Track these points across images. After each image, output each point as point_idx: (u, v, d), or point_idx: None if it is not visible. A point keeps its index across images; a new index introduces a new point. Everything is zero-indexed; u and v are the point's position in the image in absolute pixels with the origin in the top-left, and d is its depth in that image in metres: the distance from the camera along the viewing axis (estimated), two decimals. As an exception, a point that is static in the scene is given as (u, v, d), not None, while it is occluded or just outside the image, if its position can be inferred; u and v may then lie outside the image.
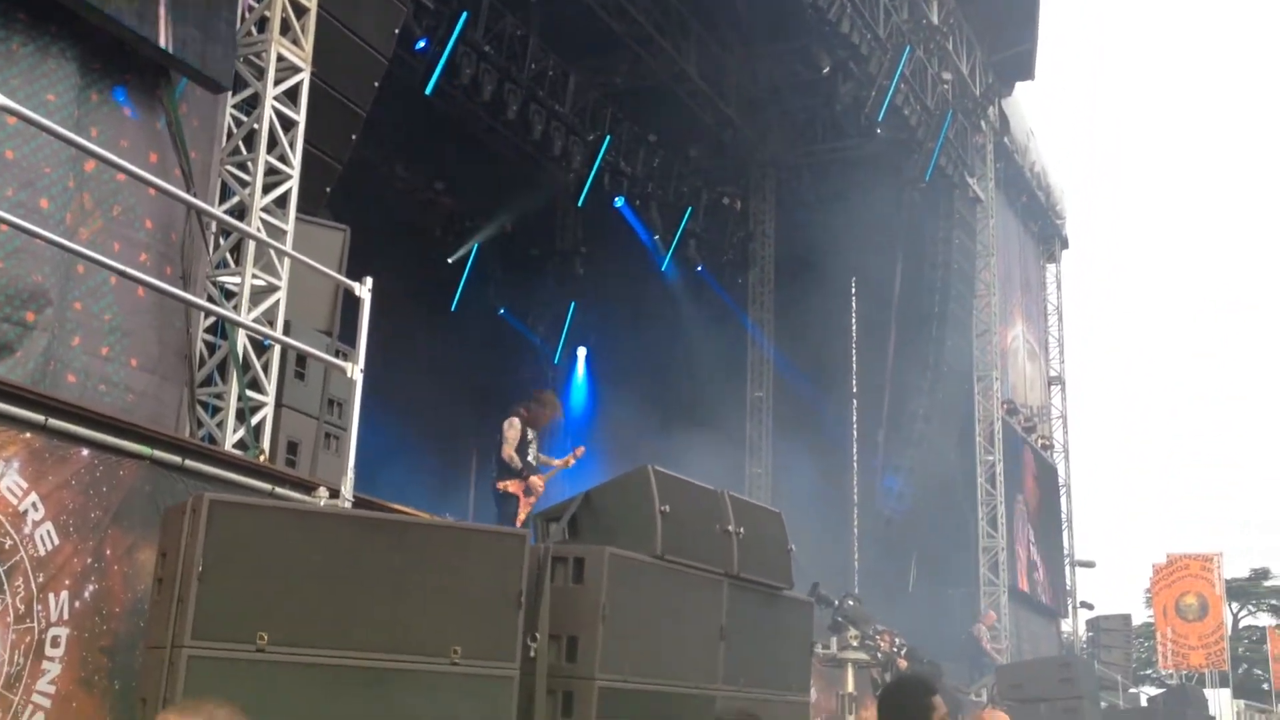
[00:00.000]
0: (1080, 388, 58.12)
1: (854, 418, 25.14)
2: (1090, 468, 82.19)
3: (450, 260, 22.15)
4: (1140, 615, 44.04)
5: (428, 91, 17.54)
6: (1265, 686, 39.01)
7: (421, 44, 17.04)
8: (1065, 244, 31.23)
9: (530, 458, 10.66)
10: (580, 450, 11.10)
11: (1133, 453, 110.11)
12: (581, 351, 24.83)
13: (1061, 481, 29.13)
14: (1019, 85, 25.47)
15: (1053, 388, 29.94)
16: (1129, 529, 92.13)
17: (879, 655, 11.06)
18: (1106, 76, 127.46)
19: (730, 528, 6.35)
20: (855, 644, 10.15)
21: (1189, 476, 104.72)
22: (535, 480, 10.55)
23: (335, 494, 6.30)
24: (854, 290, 25.30)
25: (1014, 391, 25.56)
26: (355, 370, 6.90)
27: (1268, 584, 62.67)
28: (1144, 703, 23.53)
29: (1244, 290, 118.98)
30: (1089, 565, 29.37)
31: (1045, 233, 30.22)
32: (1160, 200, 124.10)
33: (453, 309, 21.98)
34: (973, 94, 23.08)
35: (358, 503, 6.63)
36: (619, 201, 22.09)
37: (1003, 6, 23.45)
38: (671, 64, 21.05)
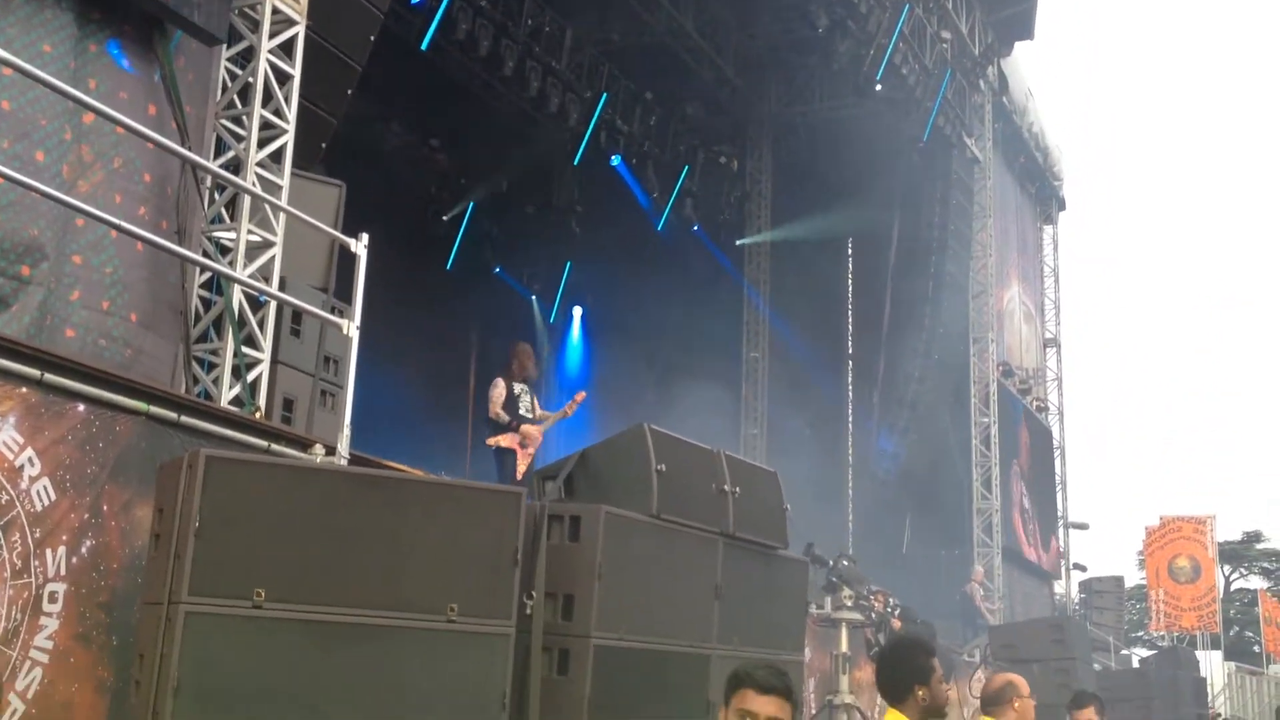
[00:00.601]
0: (1076, 350, 58.17)
1: (849, 378, 25.18)
2: (1085, 430, 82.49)
3: (445, 218, 22.05)
4: (1133, 577, 44.36)
5: (423, 47, 17.41)
6: (1256, 649, 39.30)
7: (418, -1, 16.91)
8: (1062, 205, 31.17)
9: (523, 410, 10.65)
10: (581, 395, 11.00)
11: (1128, 415, 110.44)
12: (577, 310, 24.79)
13: (1056, 444, 29.21)
14: (1018, 45, 25.31)
15: (1048, 350, 29.96)
16: (1123, 491, 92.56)
17: (873, 616, 11.10)
18: (1106, 38, 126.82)
19: (726, 487, 6.35)
20: (849, 604, 10.18)
21: (1183, 439, 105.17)
22: (529, 429, 10.55)
23: (331, 451, 6.30)
24: (850, 251, 25.26)
25: (1009, 353, 25.58)
26: (351, 327, 6.88)
27: (1260, 547, 63.04)
28: (1136, 664, 23.69)
29: (1245, 256, 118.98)
30: (1083, 527, 29.49)
31: (1043, 194, 30.15)
32: (1158, 161, 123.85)
33: (448, 267, 21.90)
34: (971, 53, 22.93)
35: (354, 460, 6.63)
36: (616, 160, 21.99)
37: (1004, -36, 23.29)
38: (669, 20, 20.90)
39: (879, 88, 20.32)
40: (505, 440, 10.51)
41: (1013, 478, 24.45)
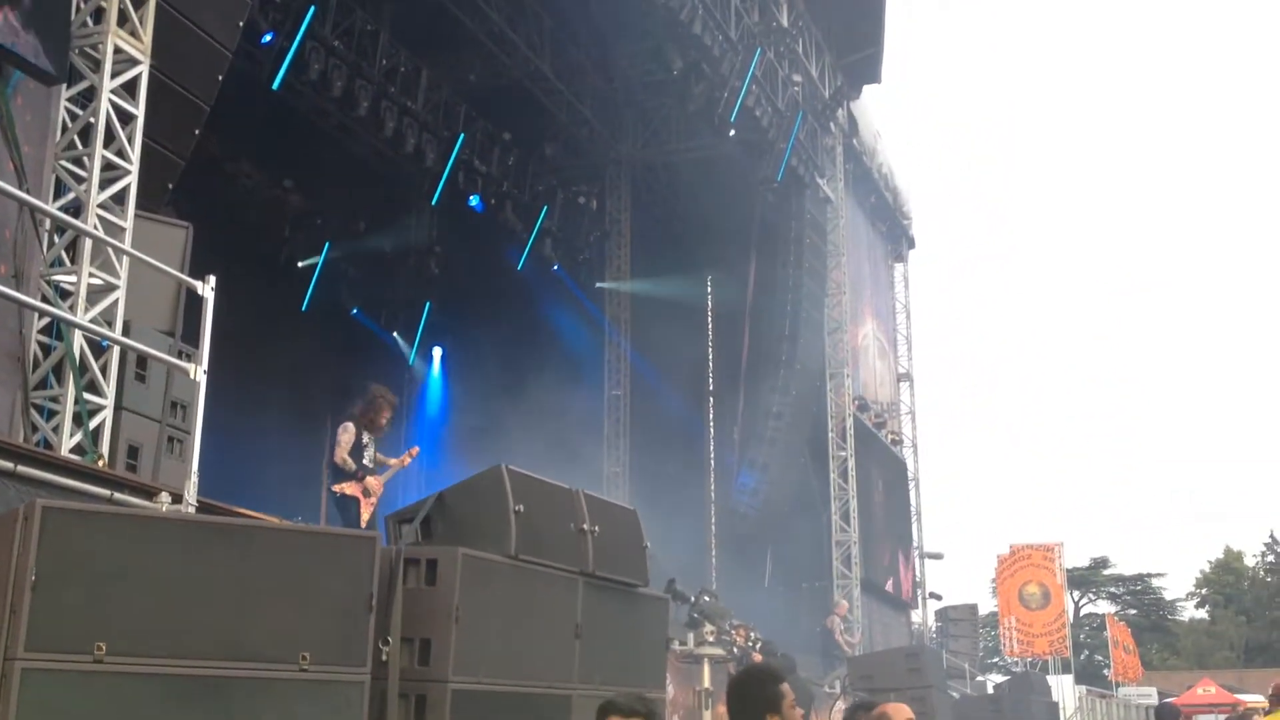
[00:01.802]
0: (928, 384, 59.66)
1: (710, 415, 25.41)
2: (939, 461, 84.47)
3: (300, 259, 21.71)
4: (987, 605, 45.50)
5: (275, 86, 17.17)
6: (1105, 672, 40.53)
7: (268, 37, 16.68)
8: (912, 243, 32.03)
9: (366, 460, 10.46)
10: (415, 450, 10.93)
11: (979, 444, 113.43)
12: (437, 351, 24.58)
13: (910, 476, 29.85)
14: (866, 89, 26.04)
15: (901, 384, 30.66)
16: (976, 521, 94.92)
17: (735, 650, 11.15)
18: (949, 79, 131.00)
19: (585, 526, 6.33)
20: (711, 639, 10.19)
21: (1035, 454, 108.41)
22: (373, 482, 10.36)
23: (178, 499, 6.12)
24: (710, 289, 25.56)
25: (865, 388, 26.11)
26: (199, 372, 6.72)
27: (1107, 572, 65.25)
28: (990, 690, 24.21)
29: (1090, 266, 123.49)
30: (937, 557, 30.15)
31: (893, 233, 30.94)
32: (1001, 201, 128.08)
33: (304, 309, 21.54)
34: (822, 96, 23.50)
35: (202, 508, 6.46)
36: (474, 200, 21.92)
37: (850, 11, 23.96)
38: (526, 62, 20.99)
39: (733, 130, 20.66)
40: (350, 488, 10.31)
41: (874, 509, 24.91)
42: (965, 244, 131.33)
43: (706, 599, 10.43)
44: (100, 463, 7.34)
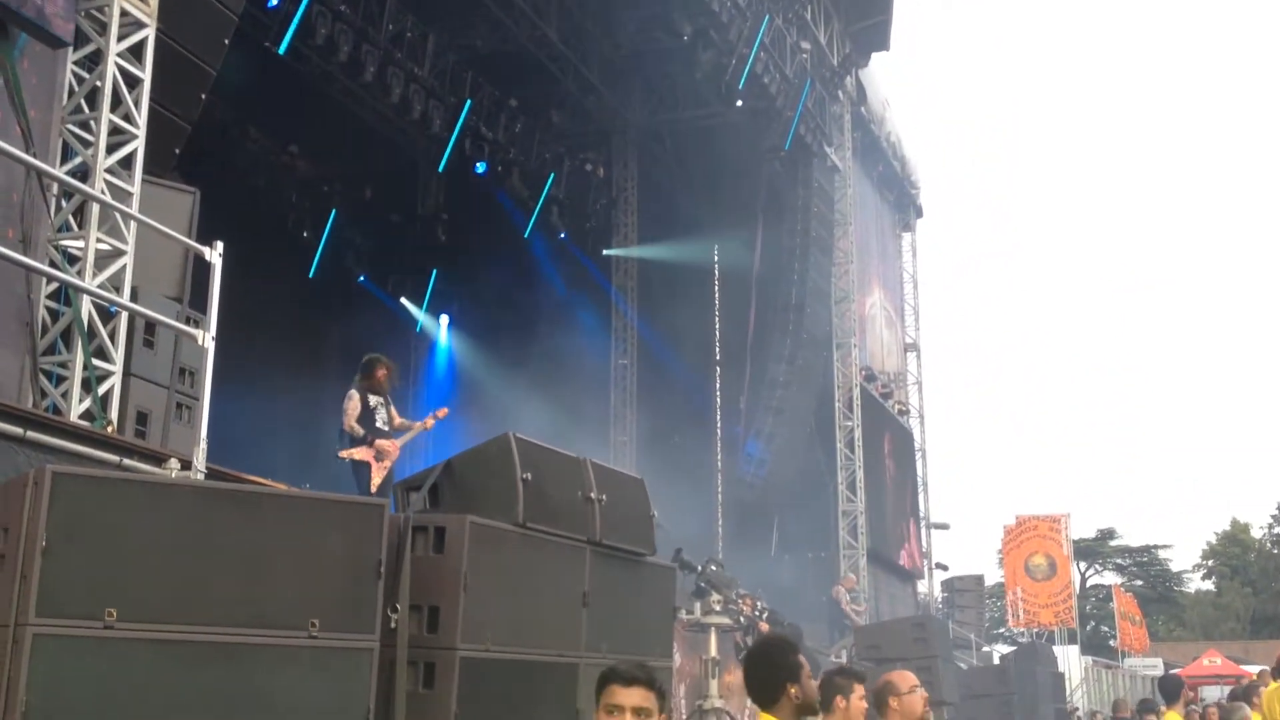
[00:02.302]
0: (936, 354, 59.62)
1: (717, 384, 25.38)
2: (945, 432, 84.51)
3: (306, 226, 21.68)
4: (993, 576, 45.59)
5: (281, 51, 17.09)
6: (1111, 643, 40.62)
7: (274, 2, 16.58)
8: (920, 213, 31.90)
9: (379, 423, 10.43)
10: (443, 411, 10.80)
11: (986, 417, 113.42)
12: (444, 319, 24.58)
13: (917, 446, 29.84)
14: (875, 56, 25.86)
15: (909, 354, 30.61)
16: (983, 491, 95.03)
17: (741, 620, 11.18)
18: (959, 47, 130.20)
19: (593, 495, 6.32)
20: (718, 609, 10.24)
21: (1040, 439, 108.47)
22: (384, 444, 10.32)
23: (187, 465, 6.12)
24: (716, 258, 25.49)
25: (872, 358, 26.07)
26: (206, 338, 6.70)
27: (1113, 544, 65.32)
28: (996, 660, 24.27)
29: (1097, 258, 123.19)
30: (944, 527, 30.20)
31: (901, 202, 30.82)
32: (1008, 170, 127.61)
33: (310, 275, 21.53)
34: (830, 64, 23.35)
35: (211, 474, 6.46)
36: (480, 167, 21.85)
37: (860, -23, 23.78)
38: (532, 28, 20.86)
39: (741, 97, 20.54)
40: (359, 453, 10.29)
41: (881, 479, 24.93)
42: (974, 216, 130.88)
43: (713, 568, 10.48)
44: (109, 429, 7.35)
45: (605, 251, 24.64)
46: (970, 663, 23.37)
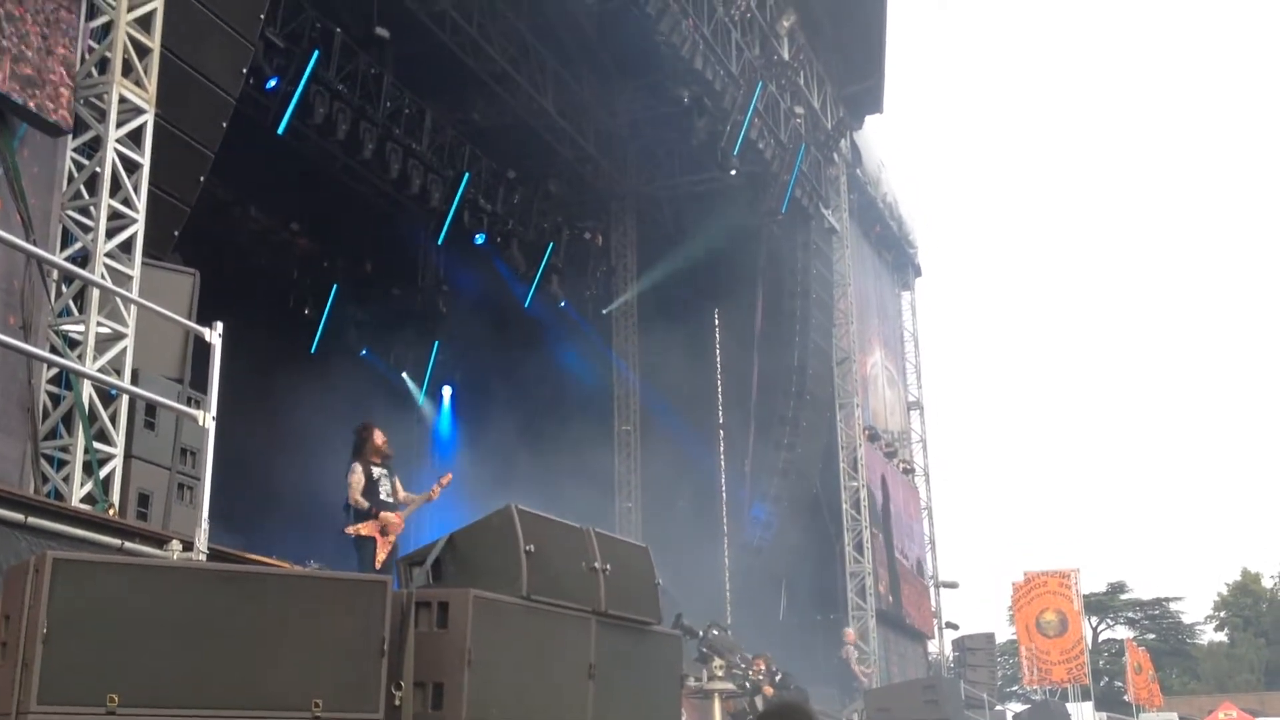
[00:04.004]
0: (939, 412, 59.54)
1: (721, 448, 25.35)
2: (952, 490, 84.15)
3: (308, 302, 21.77)
4: (1005, 633, 45.14)
5: (280, 131, 17.25)
6: (1126, 698, 40.16)
7: (273, 83, 16.76)
8: (918, 272, 32.00)
9: (384, 494, 10.37)
10: (447, 478, 10.68)
11: (992, 473, 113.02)
12: (447, 390, 24.59)
13: (923, 504, 29.72)
14: (869, 119, 26.11)
15: (912, 412, 30.57)
16: (991, 549, 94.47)
17: (747, 684, 11.07)
18: (951, 107, 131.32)
19: (597, 565, 6.30)
20: (720, 674, 10.13)
21: (1047, 495, 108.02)
22: (389, 517, 10.24)
23: (189, 546, 6.11)
24: (717, 322, 25.56)
25: (875, 417, 26.04)
26: (207, 418, 6.72)
27: (1124, 597, 64.77)
28: (1009, 719, 24.04)
29: (1095, 311, 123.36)
30: (953, 586, 29.97)
31: (899, 261, 30.93)
32: (1007, 225, 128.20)
33: (312, 351, 21.57)
34: (825, 127, 23.57)
35: (213, 555, 6.45)
36: (480, 239, 21.98)
37: (851, 43, 24.06)
38: (529, 100, 21.09)
39: (736, 163, 20.73)
40: (365, 528, 10.22)
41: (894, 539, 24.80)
42: (973, 270, 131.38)
43: (715, 632, 10.40)
44: (111, 512, 7.35)
45: (605, 310, 24.67)
46: (984, 723, 23.11)
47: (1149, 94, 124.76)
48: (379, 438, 10.52)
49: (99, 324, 8.00)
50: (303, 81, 16.95)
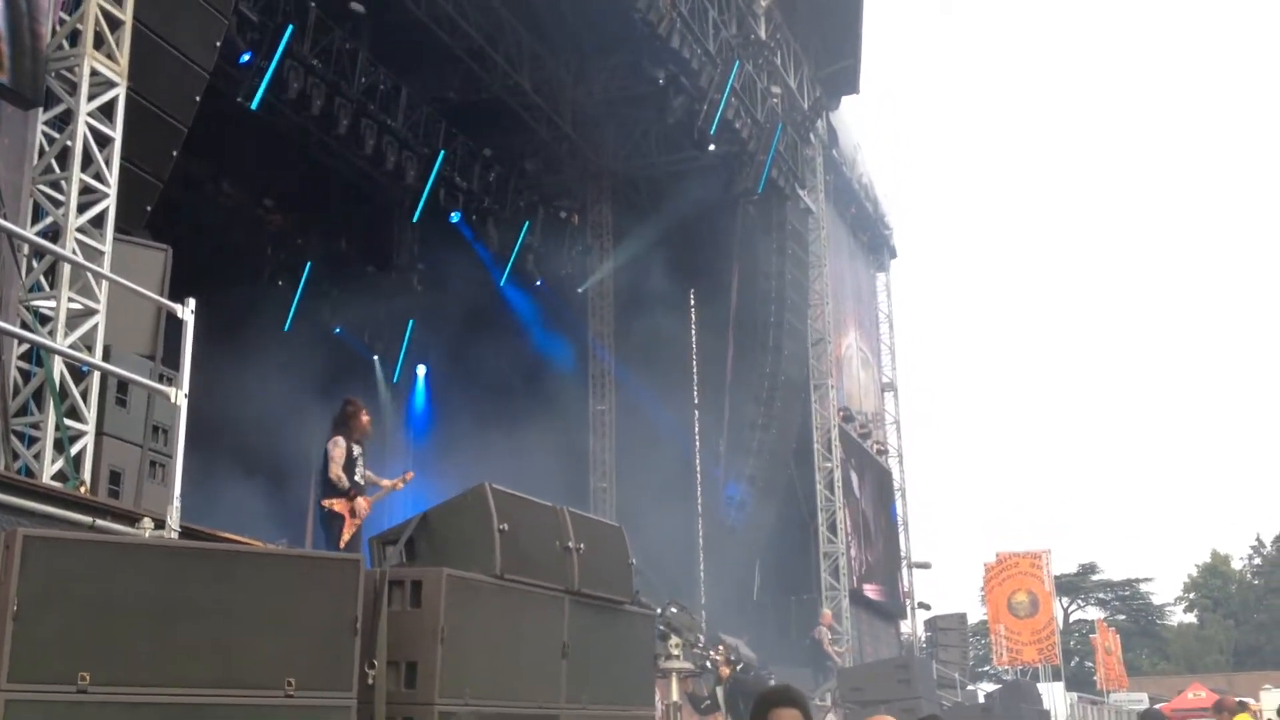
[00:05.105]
0: (913, 393, 59.72)
1: (696, 428, 25.36)
2: (925, 471, 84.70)
3: (281, 279, 21.64)
4: (976, 614, 45.47)
5: (254, 106, 17.11)
6: (1095, 678, 40.54)
7: (246, 57, 16.62)
8: (893, 253, 32.09)
9: (358, 475, 10.39)
10: (409, 475, 10.82)
11: (965, 455, 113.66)
12: (421, 369, 24.53)
13: (896, 485, 29.86)
14: (845, 100, 26.11)
15: (886, 394, 30.68)
16: (963, 529, 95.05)
17: (707, 665, 11.02)
18: (927, 89, 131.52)
19: (570, 544, 6.30)
20: (676, 652, 10.00)
21: (1019, 476, 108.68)
22: (361, 501, 10.28)
23: (161, 524, 6.08)
24: (692, 302, 25.55)
25: (849, 399, 26.12)
26: (180, 395, 6.68)
27: (1095, 578, 65.35)
28: (981, 699, 24.19)
29: (1069, 294, 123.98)
30: (925, 566, 30.17)
31: (874, 243, 31.01)
32: (983, 208, 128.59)
33: (286, 329, 21.45)
34: (801, 107, 23.56)
35: (185, 532, 6.41)
36: (455, 217, 21.89)
37: (827, 23, 24.04)
38: (505, 78, 21.00)
39: (713, 143, 20.69)
40: (339, 505, 10.23)
41: (861, 519, 24.90)
42: (947, 252, 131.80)
43: (673, 610, 10.32)
44: (82, 489, 7.29)
45: (580, 289, 24.63)
46: (956, 702, 23.26)
47: (1126, 79, 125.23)
48: (364, 417, 10.54)
49: (70, 300, 7.93)
50: (276, 56, 16.83)
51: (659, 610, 10.15)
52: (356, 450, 10.43)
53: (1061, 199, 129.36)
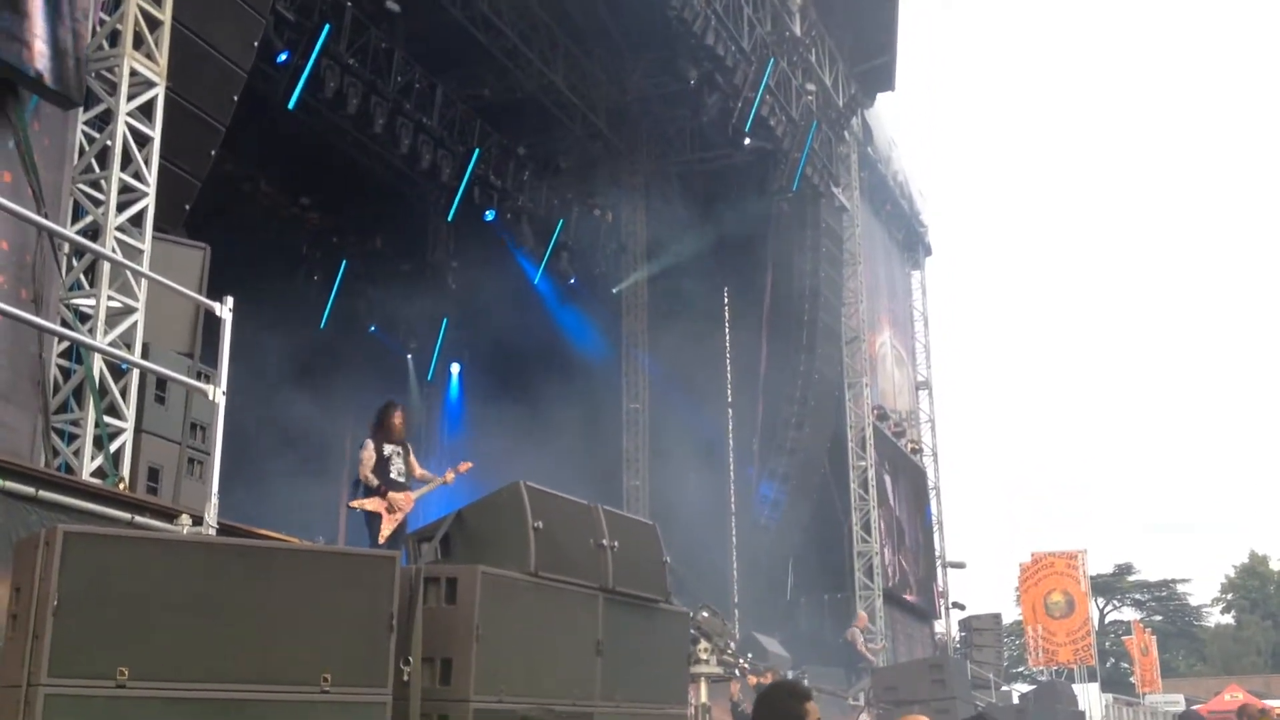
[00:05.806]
0: (947, 392, 59.46)
1: (729, 426, 25.33)
2: (959, 470, 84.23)
3: (317, 277, 21.77)
4: (1011, 614, 45.20)
5: (291, 105, 17.22)
6: (1132, 680, 40.20)
7: (283, 57, 16.71)
8: (929, 251, 31.93)
9: (394, 473, 10.44)
10: (465, 465, 10.84)
11: (1000, 455, 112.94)
12: (455, 367, 24.59)
13: (931, 484, 29.71)
14: (880, 96, 25.99)
15: (920, 392, 30.54)
16: (998, 529, 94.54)
17: (737, 671, 11.00)
18: (963, 86, 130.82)
19: (604, 542, 6.31)
20: (705, 656, 10.00)
21: (1056, 475, 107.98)
22: (396, 496, 10.32)
23: (199, 520, 6.13)
24: (726, 300, 25.51)
25: (883, 397, 26.02)
26: (217, 393, 6.73)
27: (1131, 579, 64.83)
28: (1015, 700, 24.07)
29: (1106, 290, 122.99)
30: (960, 566, 30.00)
31: (909, 240, 30.86)
32: (1018, 204, 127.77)
33: (321, 327, 21.58)
34: (836, 105, 23.47)
35: (222, 529, 6.47)
36: (490, 215, 21.94)
37: (863, 20, 23.93)
38: (539, 76, 21.04)
39: (748, 139, 20.65)
40: (371, 504, 10.30)
41: (895, 519, 24.81)
42: (983, 249, 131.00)
43: (704, 614, 10.29)
44: (121, 486, 7.37)
45: (615, 289, 24.63)
46: (991, 702, 23.15)
47: (1165, 76, 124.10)
48: (396, 417, 10.62)
49: (110, 298, 8.01)
50: (313, 56, 16.91)
51: (690, 615, 10.13)
52: (388, 450, 10.49)
53: (1099, 196, 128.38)
